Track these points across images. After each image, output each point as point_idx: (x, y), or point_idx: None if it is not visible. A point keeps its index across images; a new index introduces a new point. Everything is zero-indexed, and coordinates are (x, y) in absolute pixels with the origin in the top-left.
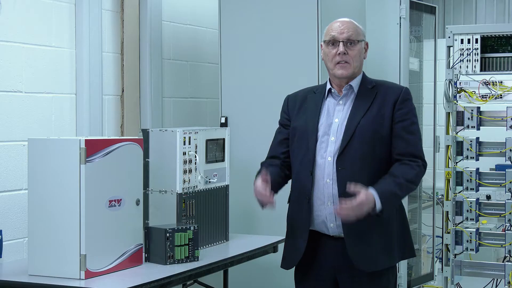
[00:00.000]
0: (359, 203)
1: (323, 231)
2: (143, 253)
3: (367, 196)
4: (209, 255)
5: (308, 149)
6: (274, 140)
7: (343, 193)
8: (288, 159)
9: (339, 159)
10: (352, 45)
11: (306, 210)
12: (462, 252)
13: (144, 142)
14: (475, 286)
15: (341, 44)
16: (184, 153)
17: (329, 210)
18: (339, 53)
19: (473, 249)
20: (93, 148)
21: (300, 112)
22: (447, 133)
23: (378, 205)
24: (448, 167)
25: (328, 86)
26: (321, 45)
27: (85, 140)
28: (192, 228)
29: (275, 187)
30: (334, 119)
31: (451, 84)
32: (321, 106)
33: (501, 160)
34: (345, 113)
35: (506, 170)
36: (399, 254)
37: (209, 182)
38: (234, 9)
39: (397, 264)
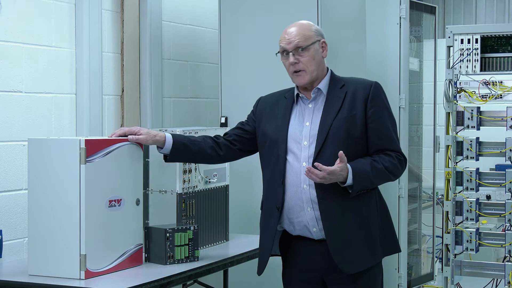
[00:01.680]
0: (330, 172)
1: (307, 235)
2: (143, 253)
3: (341, 169)
4: (209, 255)
5: (278, 157)
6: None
7: (321, 197)
8: (233, 143)
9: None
10: (303, 51)
11: (275, 217)
12: (462, 252)
13: None
14: (475, 286)
15: (290, 54)
16: None
17: (310, 216)
18: (291, 64)
19: (473, 249)
20: (93, 148)
21: (270, 117)
22: (447, 133)
23: (349, 181)
24: (448, 167)
25: (296, 91)
26: None
27: (85, 140)
28: (192, 228)
29: (180, 150)
30: (305, 123)
31: (451, 84)
32: (290, 112)
33: (501, 160)
34: (316, 116)
35: (506, 170)
36: (382, 251)
37: (209, 182)
38: (234, 9)
39: (395, 265)
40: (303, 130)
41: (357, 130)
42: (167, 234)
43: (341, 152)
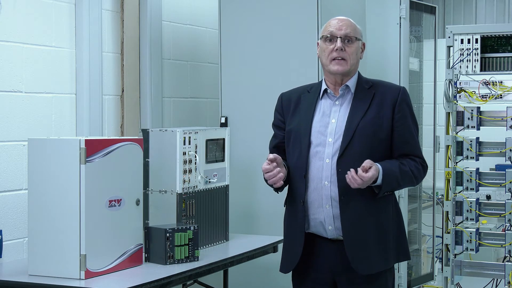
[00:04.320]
0: (369, 178)
1: (321, 233)
2: (143, 253)
3: (376, 171)
4: (209, 255)
5: (301, 152)
6: (270, 145)
7: (343, 195)
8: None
9: (340, 161)
10: (350, 42)
11: (301, 213)
12: (462, 252)
13: (144, 142)
14: (475, 286)
15: (339, 40)
16: (184, 153)
17: (327, 213)
18: (336, 49)
19: (473, 249)
20: (93, 148)
21: (294, 113)
22: (447, 133)
23: (379, 181)
24: (448, 167)
25: (324, 86)
26: (318, 42)
27: (85, 140)
28: (192, 228)
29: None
30: (331, 119)
31: (451, 84)
32: (315, 107)
33: (501, 160)
34: (342, 114)
35: (506, 170)
36: (394, 257)
37: (209, 182)
38: (234, 9)
39: (394, 265)
40: (329, 126)
41: (383, 132)
42: (167, 234)
43: (367, 161)
